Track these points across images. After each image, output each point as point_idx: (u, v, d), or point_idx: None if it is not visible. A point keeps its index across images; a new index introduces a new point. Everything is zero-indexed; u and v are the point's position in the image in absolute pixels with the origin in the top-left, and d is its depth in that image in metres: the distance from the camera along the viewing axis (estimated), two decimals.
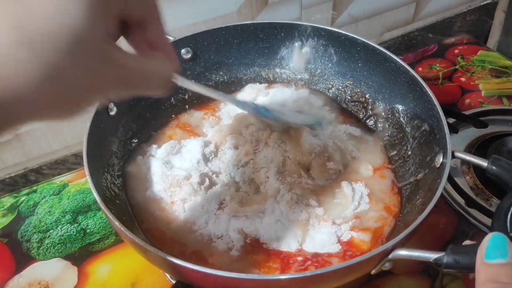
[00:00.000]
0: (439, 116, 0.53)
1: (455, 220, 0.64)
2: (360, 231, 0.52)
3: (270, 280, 0.41)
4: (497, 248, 0.35)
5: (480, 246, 0.36)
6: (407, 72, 0.60)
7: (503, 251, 0.34)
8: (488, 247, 0.35)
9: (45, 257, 0.61)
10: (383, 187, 0.58)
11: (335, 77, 0.70)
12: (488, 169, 0.46)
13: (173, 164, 0.59)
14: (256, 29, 0.68)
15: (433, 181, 0.51)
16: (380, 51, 0.63)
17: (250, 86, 0.70)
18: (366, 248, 0.51)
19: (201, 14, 0.77)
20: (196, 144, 0.60)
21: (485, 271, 0.34)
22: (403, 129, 0.62)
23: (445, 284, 0.57)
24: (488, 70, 0.90)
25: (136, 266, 0.59)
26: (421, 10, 1.03)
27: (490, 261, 0.34)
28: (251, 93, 0.68)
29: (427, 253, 0.40)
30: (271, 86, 0.70)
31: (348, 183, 0.56)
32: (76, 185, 0.69)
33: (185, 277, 0.45)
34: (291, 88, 0.70)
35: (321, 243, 0.50)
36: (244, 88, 0.70)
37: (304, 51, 0.69)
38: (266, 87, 0.70)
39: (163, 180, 0.56)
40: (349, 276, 0.43)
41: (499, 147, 0.69)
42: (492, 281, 0.33)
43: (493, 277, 0.34)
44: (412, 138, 0.60)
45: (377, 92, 0.66)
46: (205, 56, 0.68)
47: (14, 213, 0.66)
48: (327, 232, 0.51)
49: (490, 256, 0.35)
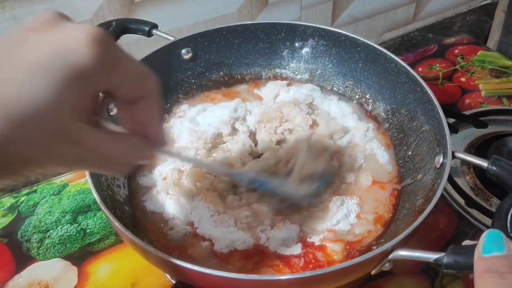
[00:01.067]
0: (439, 117, 0.53)
1: (455, 220, 0.64)
2: (332, 242, 0.51)
3: (269, 280, 0.41)
4: (494, 242, 0.35)
5: (477, 244, 0.36)
6: (408, 73, 0.60)
7: (500, 245, 0.34)
8: (485, 243, 0.35)
9: (45, 257, 0.61)
10: (379, 196, 0.56)
11: (335, 77, 0.70)
12: (488, 170, 0.46)
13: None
14: (257, 29, 0.68)
15: (433, 181, 0.51)
16: (380, 51, 0.63)
17: (272, 83, 0.69)
18: (337, 257, 0.50)
19: (201, 14, 0.77)
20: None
21: (482, 264, 0.34)
22: (403, 129, 0.62)
23: (445, 284, 0.57)
24: (488, 70, 0.90)
25: (136, 266, 0.59)
26: (421, 10, 1.03)
27: (487, 255, 0.34)
28: (274, 89, 0.68)
29: (427, 254, 0.40)
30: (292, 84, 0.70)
31: (339, 199, 0.54)
32: (76, 185, 0.69)
33: (185, 277, 0.45)
34: (316, 90, 0.68)
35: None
36: (267, 85, 0.70)
37: (304, 51, 0.69)
38: (288, 84, 0.70)
39: (191, 134, 0.58)
40: (349, 277, 0.43)
41: (499, 147, 0.69)
42: (489, 272, 0.33)
43: (490, 267, 0.34)
44: (412, 138, 0.60)
45: (377, 92, 0.66)
46: (206, 56, 0.68)
47: (14, 213, 0.66)
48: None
49: (487, 250, 0.35)
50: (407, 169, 0.59)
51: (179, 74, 0.67)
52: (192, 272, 0.40)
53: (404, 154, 0.61)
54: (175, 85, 0.67)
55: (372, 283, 0.57)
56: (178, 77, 0.67)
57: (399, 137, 0.63)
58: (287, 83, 0.70)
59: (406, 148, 0.61)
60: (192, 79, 0.68)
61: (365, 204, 0.55)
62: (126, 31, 0.63)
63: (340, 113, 0.65)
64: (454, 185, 0.67)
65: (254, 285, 0.41)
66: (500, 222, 0.38)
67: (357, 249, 0.51)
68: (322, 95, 0.68)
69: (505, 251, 0.34)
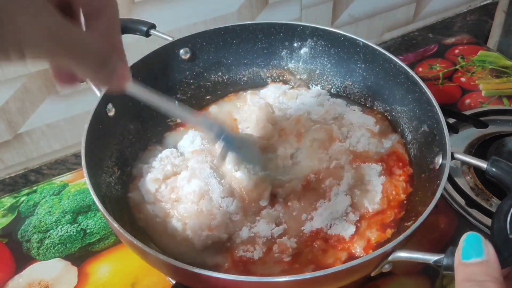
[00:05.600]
0: (438, 117, 0.53)
1: (456, 220, 0.64)
2: None
3: (269, 282, 0.41)
4: (473, 247, 0.35)
5: (457, 248, 0.36)
6: (407, 73, 0.60)
7: (479, 250, 0.35)
8: (464, 247, 0.35)
9: (45, 257, 0.61)
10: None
11: (334, 77, 0.70)
12: (488, 171, 0.46)
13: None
14: (255, 30, 0.68)
15: (432, 182, 0.51)
16: (379, 52, 0.63)
17: (273, 86, 0.69)
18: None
19: (200, 14, 0.77)
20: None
21: (462, 271, 0.35)
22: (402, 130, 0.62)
23: (445, 284, 0.57)
24: (488, 70, 0.90)
25: (136, 266, 0.59)
26: (421, 10, 1.03)
27: (467, 261, 0.35)
28: (275, 92, 0.68)
29: (426, 255, 0.40)
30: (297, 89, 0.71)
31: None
32: (76, 185, 0.69)
33: (184, 278, 0.45)
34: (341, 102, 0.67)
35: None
36: (268, 87, 0.70)
37: (303, 52, 0.69)
38: (290, 88, 0.70)
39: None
40: (349, 278, 0.43)
41: (499, 147, 0.69)
42: (468, 280, 0.34)
43: (469, 276, 0.34)
44: (411, 139, 0.60)
45: (376, 93, 0.66)
46: (204, 57, 0.68)
47: (14, 213, 0.66)
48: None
49: (467, 255, 0.35)
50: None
51: (177, 74, 0.67)
52: (190, 273, 0.40)
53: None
54: (174, 86, 0.67)
55: (372, 283, 0.57)
56: (176, 77, 0.67)
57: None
58: (289, 87, 0.70)
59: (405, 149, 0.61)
60: (191, 79, 0.68)
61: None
62: (124, 31, 0.63)
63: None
64: (454, 185, 0.67)
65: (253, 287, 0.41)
66: (500, 223, 0.38)
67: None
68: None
69: (484, 256, 0.34)
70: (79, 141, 0.51)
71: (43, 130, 0.73)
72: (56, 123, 0.74)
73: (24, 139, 0.73)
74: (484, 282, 0.33)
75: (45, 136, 0.74)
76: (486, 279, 0.33)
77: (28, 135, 0.72)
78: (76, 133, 0.76)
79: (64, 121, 0.74)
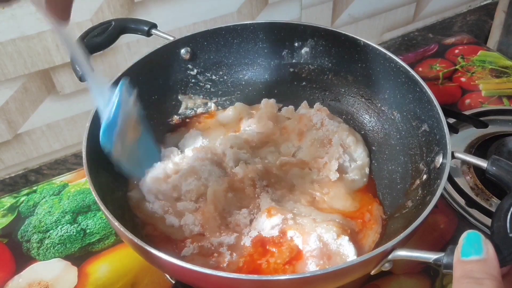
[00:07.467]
0: (439, 117, 0.53)
1: (455, 220, 0.64)
2: None
3: (269, 280, 0.41)
4: (472, 245, 0.35)
5: (457, 246, 0.36)
6: (407, 73, 0.60)
7: (478, 248, 0.35)
8: (464, 245, 0.35)
9: (45, 257, 0.61)
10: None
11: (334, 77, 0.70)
12: (488, 170, 0.46)
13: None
14: (256, 29, 0.67)
15: (433, 182, 0.51)
16: (379, 51, 0.63)
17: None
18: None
19: (201, 14, 0.77)
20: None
21: (460, 268, 0.35)
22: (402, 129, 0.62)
23: (446, 284, 0.57)
24: (489, 70, 0.90)
25: (136, 266, 0.59)
26: (421, 10, 1.03)
27: (466, 258, 0.35)
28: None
29: (426, 254, 0.40)
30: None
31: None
32: (76, 185, 0.69)
33: (184, 277, 0.45)
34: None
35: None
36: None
37: (303, 51, 0.69)
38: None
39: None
40: (349, 277, 0.43)
41: (499, 147, 0.69)
42: (466, 277, 0.34)
43: (467, 273, 0.34)
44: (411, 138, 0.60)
45: (376, 92, 0.66)
46: (205, 56, 0.68)
47: (14, 213, 0.66)
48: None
49: (466, 253, 0.35)
50: (407, 170, 0.59)
51: (178, 74, 0.67)
52: (191, 272, 0.40)
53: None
54: (174, 85, 0.67)
55: (372, 283, 0.57)
56: (177, 77, 0.67)
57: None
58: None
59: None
60: (191, 79, 0.68)
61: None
62: (126, 31, 0.63)
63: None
64: (454, 185, 0.67)
65: (254, 285, 0.41)
66: (500, 222, 0.38)
67: None
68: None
69: (483, 254, 0.34)
70: (79, 141, 0.51)
71: (43, 130, 0.73)
72: (56, 123, 0.74)
73: (24, 139, 0.73)
74: (482, 279, 0.33)
75: (45, 136, 0.74)
76: (484, 276, 0.33)
77: (28, 135, 0.72)
78: (76, 133, 0.76)
79: (64, 121, 0.75)
